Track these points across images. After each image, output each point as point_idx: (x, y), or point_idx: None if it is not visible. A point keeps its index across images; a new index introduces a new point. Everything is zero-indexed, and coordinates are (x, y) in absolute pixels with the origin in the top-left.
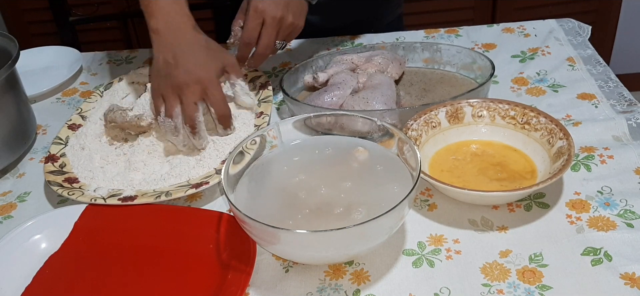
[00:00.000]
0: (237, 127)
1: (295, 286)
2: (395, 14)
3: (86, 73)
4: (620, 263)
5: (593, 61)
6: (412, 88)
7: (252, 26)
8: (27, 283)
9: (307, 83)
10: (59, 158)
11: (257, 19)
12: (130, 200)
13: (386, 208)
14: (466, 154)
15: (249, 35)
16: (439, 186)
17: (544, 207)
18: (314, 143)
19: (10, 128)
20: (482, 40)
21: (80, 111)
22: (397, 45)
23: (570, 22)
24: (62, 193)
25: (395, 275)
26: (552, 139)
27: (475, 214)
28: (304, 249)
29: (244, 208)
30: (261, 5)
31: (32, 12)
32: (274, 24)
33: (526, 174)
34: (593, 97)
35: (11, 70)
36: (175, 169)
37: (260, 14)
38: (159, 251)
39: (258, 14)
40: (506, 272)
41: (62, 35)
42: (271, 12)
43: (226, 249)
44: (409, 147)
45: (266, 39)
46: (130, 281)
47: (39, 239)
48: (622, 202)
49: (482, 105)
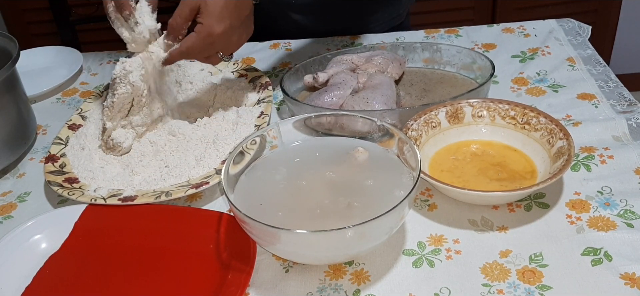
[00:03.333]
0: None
1: (295, 286)
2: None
3: (86, 73)
4: (620, 263)
5: (593, 61)
6: (412, 88)
7: (181, 21)
8: (27, 283)
9: (307, 83)
10: (59, 159)
11: (190, 16)
12: (131, 200)
13: (386, 208)
14: (466, 154)
15: (175, 25)
16: (439, 186)
17: (544, 207)
18: (314, 143)
19: (10, 129)
20: (482, 40)
21: (80, 111)
22: (397, 45)
23: (570, 22)
24: (62, 193)
25: (395, 275)
26: (552, 139)
27: (476, 214)
28: (304, 249)
29: (244, 208)
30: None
31: (32, 12)
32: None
33: (526, 174)
34: (593, 97)
35: (11, 70)
36: (175, 169)
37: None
38: (159, 251)
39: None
40: (506, 272)
41: (62, 35)
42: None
43: (226, 249)
44: (409, 147)
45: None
46: (131, 282)
47: (39, 239)
48: (622, 202)
49: (482, 105)
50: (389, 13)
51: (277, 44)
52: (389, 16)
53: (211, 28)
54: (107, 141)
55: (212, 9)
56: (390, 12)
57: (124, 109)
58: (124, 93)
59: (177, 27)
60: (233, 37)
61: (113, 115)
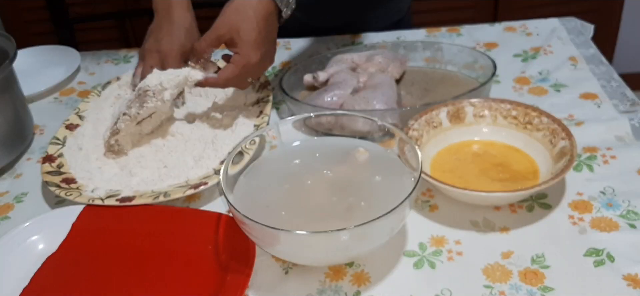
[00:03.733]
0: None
1: (295, 287)
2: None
3: (84, 72)
4: (623, 264)
5: (596, 60)
6: (413, 87)
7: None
8: (25, 284)
9: (307, 83)
10: (57, 159)
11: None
12: (128, 201)
13: (387, 209)
14: (468, 154)
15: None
16: (441, 187)
17: (546, 207)
18: (314, 144)
19: (7, 129)
20: (484, 39)
21: (77, 111)
22: (398, 44)
23: (572, 21)
24: (59, 194)
25: (396, 277)
26: (555, 139)
27: (477, 215)
28: (304, 250)
29: (243, 209)
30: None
31: (29, 11)
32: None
33: (528, 174)
34: (596, 96)
35: (8, 69)
36: (174, 170)
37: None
38: (157, 252)
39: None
40: (508, 273)
41: (60, 34)
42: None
43: (225, 250)
44: (410, 147)
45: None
46: (129, 283)
47: (37, 240)
48: (624, 202)
49: (484, 105)
50: (389, 7)
51: (277, 42)
52: (390, 10)
53: (249, 58)
54: (113, 144)
55: (247, 39)
56: (391, 6)
57: (140, 116)
58: (152, 108)
59: (201, 51)
60: (266, 62)
61: (131, 123)
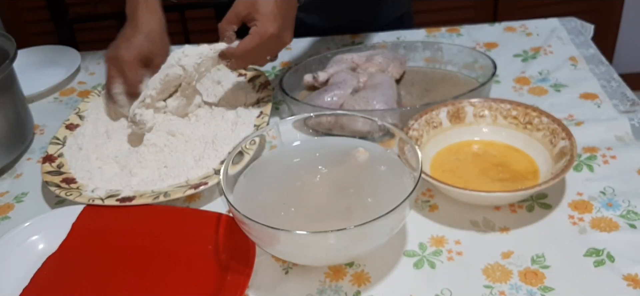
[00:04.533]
0: (225, 126)
1: (295, 287)
2: (395, 14)
3: (84, 72)
4: (623, 264)
5: (596, 60)
6: (413, 87)
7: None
8: (25, 284)
9: (307, 83)
10: (57, 159)
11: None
12: (129, 201)
13: (387, 209)
14: (468, 154)
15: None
16: (440, 187)
17: (546, 207)
18: (314, 144)
19: (7, 128)
20: (484, 39)
21: (78, 111)
22: (398, 44)
23: (572, 21)
24: (59, 194)
25: (396, 277)
26: (555, 139)
27: (477, 215)
28: (304, 250)
29: (243, 208)
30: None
31: (29, 11)
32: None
33: (528, 174)
34: (596, 96)
35: (9, 69)
36: (174, 170)
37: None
38: (157, 252)
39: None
40: (508, 273)
41: (60, 34)
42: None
43: (225, 250)
44: (410, 147)
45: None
46: (129, 283)
47: (37, 240)
48: (624, 202)
49: (484, 105)
50: (392, 2)
51: None
52: (393, 4)
53: (266, 28)
54: (134, 114)
55: (263, 10)
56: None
57: (166, 91)
58: (173, 77)
59: (222, 30)
60: (285, 37)
61: (155, 92)
